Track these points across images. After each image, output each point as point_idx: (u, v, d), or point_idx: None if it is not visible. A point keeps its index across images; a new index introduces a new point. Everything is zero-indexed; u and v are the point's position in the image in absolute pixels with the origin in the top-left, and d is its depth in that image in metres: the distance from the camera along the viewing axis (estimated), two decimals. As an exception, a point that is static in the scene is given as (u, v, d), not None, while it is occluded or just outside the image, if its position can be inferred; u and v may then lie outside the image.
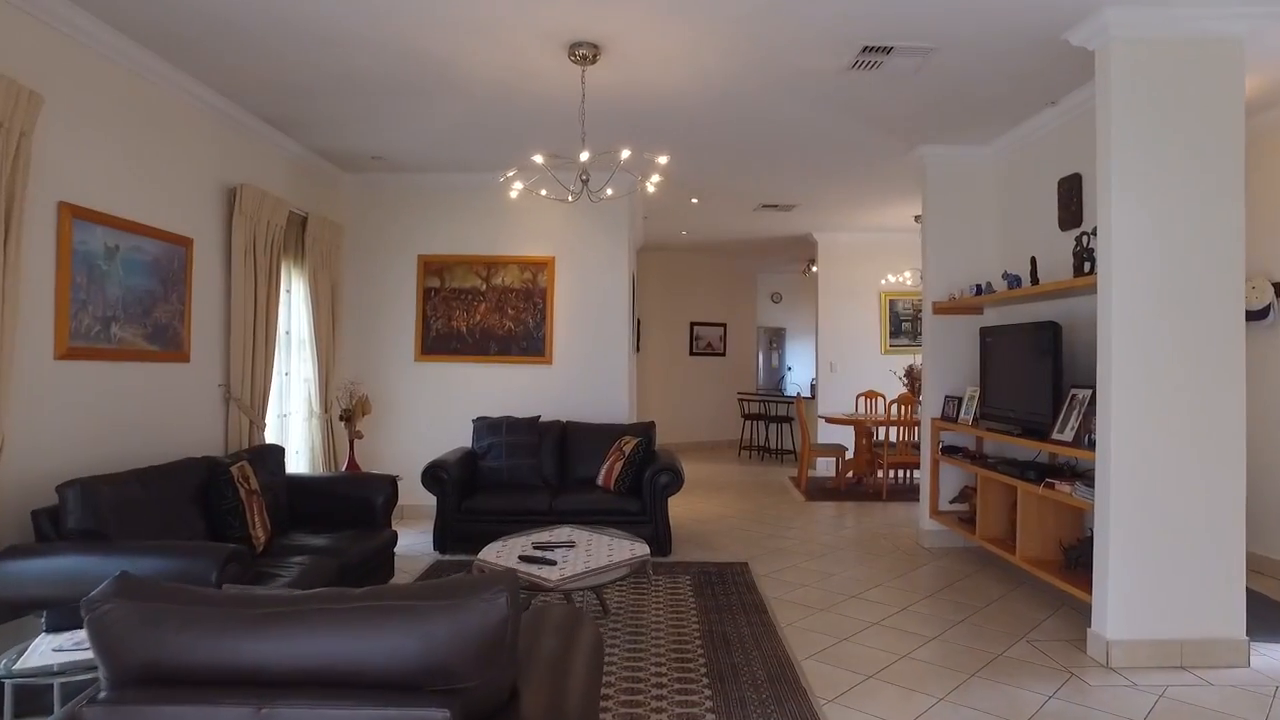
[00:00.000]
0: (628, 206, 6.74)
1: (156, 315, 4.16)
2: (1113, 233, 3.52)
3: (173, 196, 4.34)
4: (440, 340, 6.79)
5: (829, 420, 8.49)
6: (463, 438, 6.35)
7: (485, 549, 3.89)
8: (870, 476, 8.20)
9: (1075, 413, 4.13)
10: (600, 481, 5.75)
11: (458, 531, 5.52)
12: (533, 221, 6.78)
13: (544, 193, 4.34)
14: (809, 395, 10.52)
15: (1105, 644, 3.50)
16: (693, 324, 12.10)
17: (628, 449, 5.69)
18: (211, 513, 3.72)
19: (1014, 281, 4.80)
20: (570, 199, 4.19)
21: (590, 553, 3.84)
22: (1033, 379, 4.57)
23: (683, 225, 9.29)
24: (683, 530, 6.28)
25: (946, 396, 5.71)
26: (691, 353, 12.10)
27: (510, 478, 5.86)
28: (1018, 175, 5.39)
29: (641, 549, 3.92)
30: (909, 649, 3.76)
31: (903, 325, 9.69)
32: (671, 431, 11.37)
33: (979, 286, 5.32)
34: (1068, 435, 4.11)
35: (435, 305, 6.80)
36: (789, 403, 10.93)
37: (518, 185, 4.17)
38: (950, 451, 5.60)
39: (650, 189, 4.19)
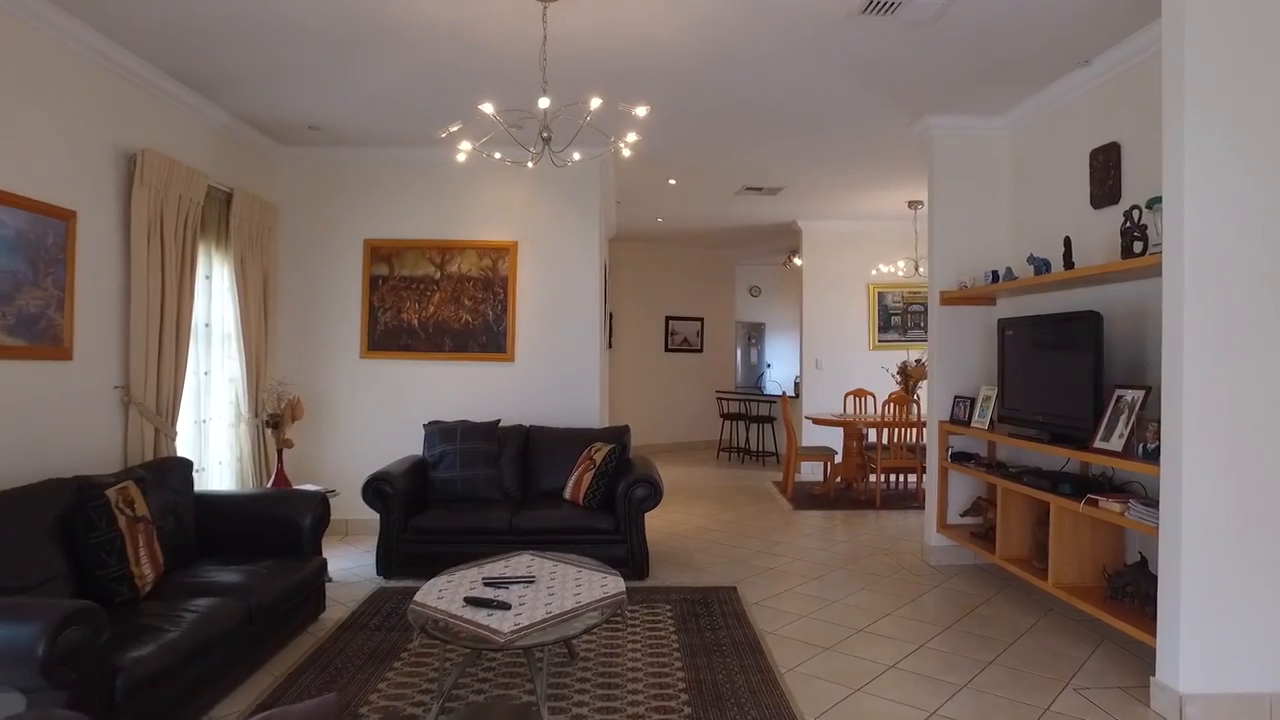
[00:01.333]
0: (599, 185, 6.06)
1: (21, 303, 3.40)
2: (1185, 203, 2.91)
3: (44, 159, 3.56)
4: (389, 335, 6.05)
5: (816, 421, 7.88)
6: (413, 445, 5.63)
7: (425, 587, 3.19)
8: (861, 482, 7.60)
9: (1123, 418, 3.53)
10: (568, 495, 5.07)
11: (404, 553, 4.82)
12: (493, 202, 6.07)
13: (499, 155, 3.63)
14: (793, 394, 9.92)
15: (1178, 699, 2.89)
16: (668, 318, 11.44)
17: (598, 457, 5.02)
18: (79, 549, 2.98)
19: (1042, 266, 4.20)
20: (530, 163, 3.50)
21: (553, 591, 3.16)
22: (1066, 377, 3.97)
23: (658, 211, 8.63)
24: (661, 547, 5.62)
25: (956, 397, 5.10)
26: (667, 349, 11.44)
27: (465, 490, 5.16)
28: (1038, 149, 4.80)
29: (615, 585, 3.25)
30: (937, 703, 3.13)
31: (892, 319, 9.12)
32: (646, 432, 10.71)
33: (995, 273, 4.73)
34: (1114, 444, 3.50)
35: (383, 295, 6.07)
36: (770, 402, 10.33)
37: (465, 145, 3.45)
38: (960, 458, 5.00)
39: (626, 151, 3.51)
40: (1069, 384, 3.93)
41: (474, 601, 2.99)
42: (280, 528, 4.02)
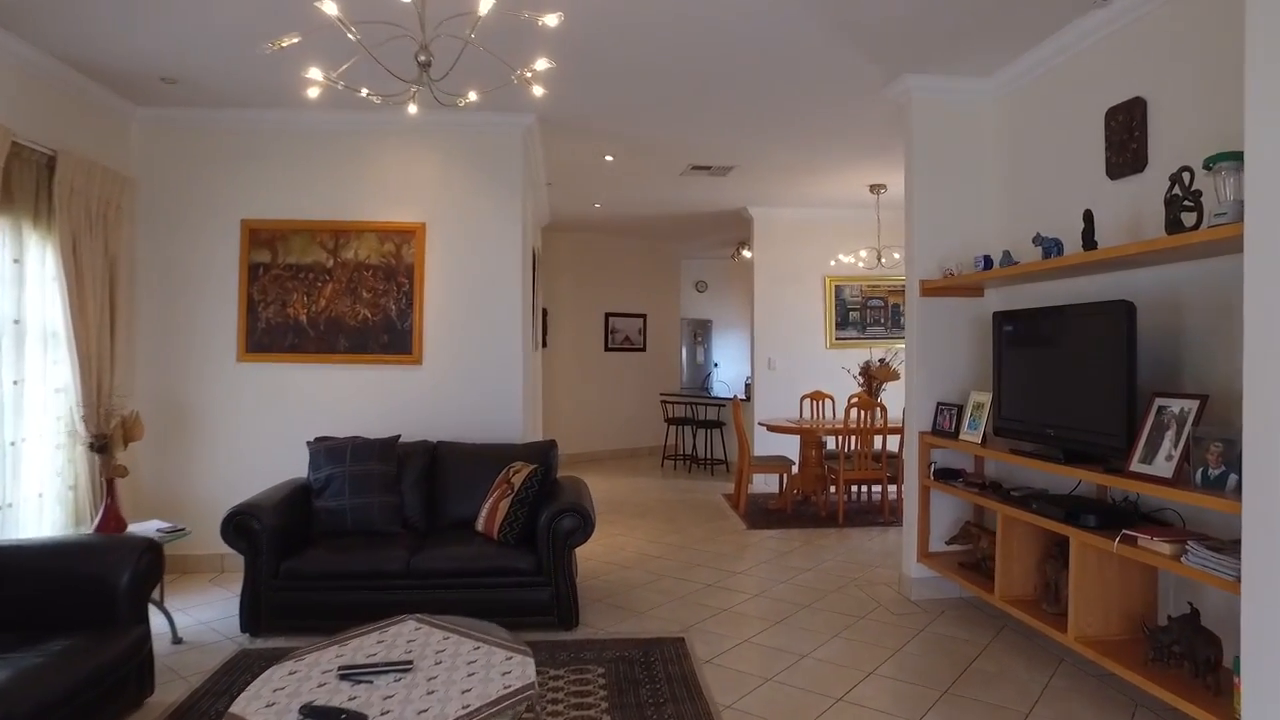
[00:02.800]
0: (522, 158, 5.17)
1: None
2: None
3: None
4: (272, 333, 5.06)
5: (771, 428, 7.11)
6: (303, 465, 4.66)
7: (254, 685, 2.27)
8: (821, 495, 6.86)
9: (1168, 434, 2.81)
10: (480, 526, 4.17)
11: (276, 604, 3.86)
12: (396, 177, 5.13)
13: (365, 92, 2.69)
14: (743, 396, 9.15)
15: (1277, 818, 2.16)
16: (608, 315, 10.57)
17: (517, 481, 4.13)
18: None
19: (1052, 248, 3.47)
20: (412, 105, 2.60)
21: (435, 685, 2.28)
22: (1087, 382, 3.25)
23: (596, 195, 7.75)
24: (595, 582, 4.77)
25: (939, 404, 4.37)
26: (607, 348, 10.57)
27: (356, 523, 4.22)
28: (1037, 113, 4.09)
29: (521, 672, 2.38)
30: (953, 820, 2.36)
31: (850, 315, 8.43)
32: (585, 438, 9.87)
33: (987, 258, 4.00)
34: (1161, 467, 2.78)
35: (265, 287, 5.07)
36: (719, 405, 9.55)
37: (315, 74, 2.53)
38: (945, 476, 4.27)
39: (537, 89, 2.63)
40: (1090, 390, 3.21)
41: (314, 714, 2.08)
42: (87, 588, 3.03)
